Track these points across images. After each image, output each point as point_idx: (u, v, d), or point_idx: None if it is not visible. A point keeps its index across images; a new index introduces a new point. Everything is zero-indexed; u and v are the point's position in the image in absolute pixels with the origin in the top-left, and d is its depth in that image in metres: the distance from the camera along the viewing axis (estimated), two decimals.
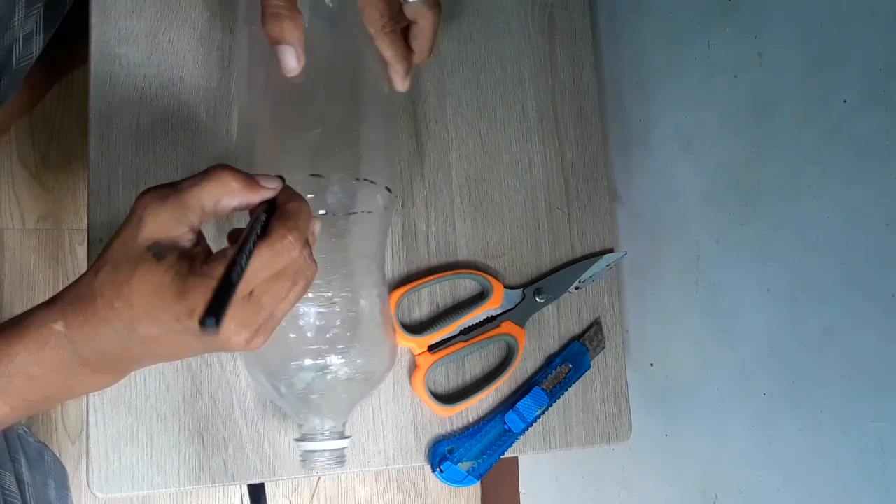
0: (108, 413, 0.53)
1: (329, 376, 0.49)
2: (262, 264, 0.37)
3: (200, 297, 0.36)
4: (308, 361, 0.48)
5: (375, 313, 0.52)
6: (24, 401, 0.39)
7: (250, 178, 0.39)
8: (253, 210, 0.40)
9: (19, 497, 0.64)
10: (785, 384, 0.53)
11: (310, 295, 0.49)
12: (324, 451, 0.49)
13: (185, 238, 0.38)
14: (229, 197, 0.39)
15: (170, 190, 0.38)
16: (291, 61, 0.47)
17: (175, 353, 0.40)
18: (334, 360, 0.49)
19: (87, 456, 0.52)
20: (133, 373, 0.54)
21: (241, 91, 0.56)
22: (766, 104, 0.54)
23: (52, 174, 1.18)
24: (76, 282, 0.39)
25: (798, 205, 0.51)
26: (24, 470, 0.66)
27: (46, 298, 0.40)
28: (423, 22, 0.52)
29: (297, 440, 0.50)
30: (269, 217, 0.39)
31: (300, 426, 0.51)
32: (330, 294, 0.49)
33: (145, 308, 0.37)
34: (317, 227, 0.42)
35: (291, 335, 0.49)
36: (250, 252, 0.36)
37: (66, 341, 0.38)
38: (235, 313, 0.37)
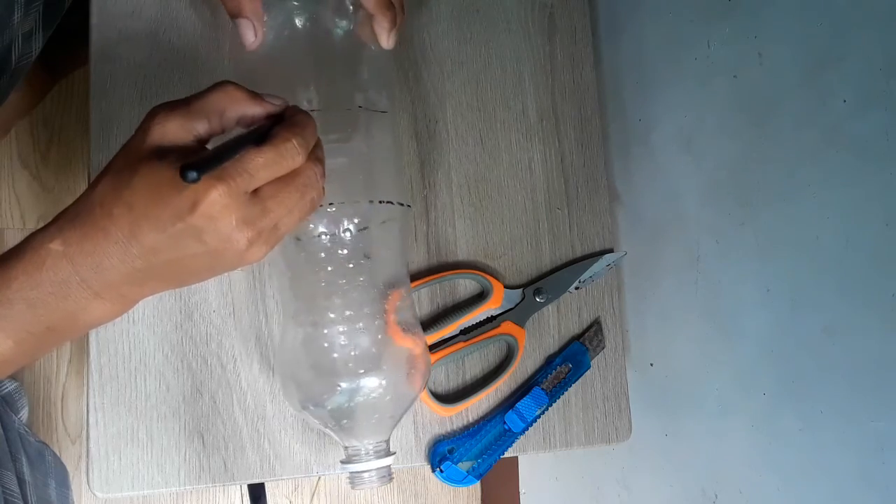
0: (108, 413, 0.53)
1: (360, 398, 0.49)
2: (267, 161, 0.37)
3: (201, 187, 0.36)
4: (338, 385, 0.48)
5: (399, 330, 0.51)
6: (26, 333, 0.38)
7: (255, 93, 0.40)
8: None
9: (20, 496, 0.64)
10: (785, 384, 0.53)
11: (348, 312, 0.49)
12: (370, 470, 0.49)
13: (191, 149, 0.38)
14: (234, 106, 0.39)
15: (178, 102, 0.39)
16: (249, 34, 0.49)
17: (177, 267, 0.39)
18: (361, 383, 0.49)
19: (88, 456, 0.52)
20: (133, 372, 0.54)
21: None
22: (766, 104, 0.54)
23: (52, 174, 1.18)
24: (74, 201, 0.39)
25: (798, 205, 0.51)
26: (25, 469, 0.66)
27: None
28: None
29: (343, 462, 0.50)
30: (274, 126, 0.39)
31: (345, 448, 0.50)
32: (353, 313, 0.49)
33: (145, 208, 0.36)
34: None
35: (333, 355, 0.49)
36: (248, 143, 0.37)
37: (63, 260, 0.37)
38: (238, 207, 0.37)
